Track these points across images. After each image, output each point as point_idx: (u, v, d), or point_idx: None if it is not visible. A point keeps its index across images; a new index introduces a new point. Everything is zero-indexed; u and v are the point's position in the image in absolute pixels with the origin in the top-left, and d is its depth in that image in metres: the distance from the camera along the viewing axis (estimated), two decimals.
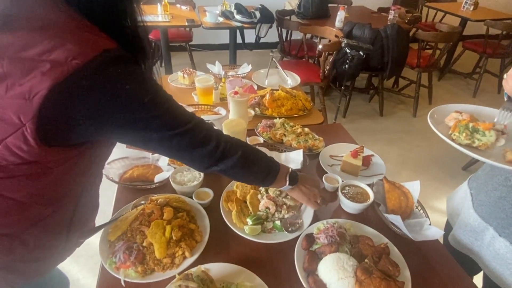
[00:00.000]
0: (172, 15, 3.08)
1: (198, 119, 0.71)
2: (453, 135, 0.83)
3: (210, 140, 0.71)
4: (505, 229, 0.90)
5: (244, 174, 0.82)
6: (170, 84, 1.80)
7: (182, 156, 0.71)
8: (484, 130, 0.80)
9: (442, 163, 2.87)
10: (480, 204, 0.99)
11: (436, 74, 4.28)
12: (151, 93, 0.60)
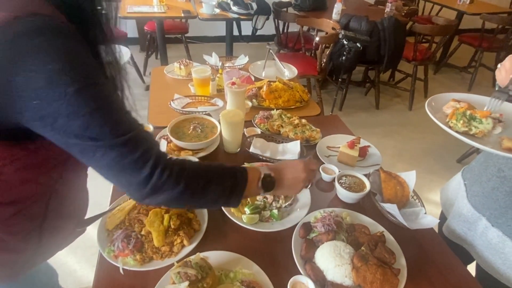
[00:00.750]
0: (168, 6, 3.04)
1: (137, 133, 0.56)
2: (451, 122, 0.83)
3: (144, 165, 0.55)
4: (498, 219, 0.92)
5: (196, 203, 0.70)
6: (167, 75, 1.79)
7: (107, 177, 0.57)
8: (481, 117, 0.81)
9: (437, 156, 2.90)
10: (473, 195, 1.00)
11: (432, 67, 4.30)
12: (81, 82, 0.49)
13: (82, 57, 0.51)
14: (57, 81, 0.48)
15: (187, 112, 1.39)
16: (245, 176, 0.71)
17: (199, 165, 0.69)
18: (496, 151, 0.73)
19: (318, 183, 1.15)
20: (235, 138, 1.21)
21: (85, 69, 0.51)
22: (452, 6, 3.96)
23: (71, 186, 0.73)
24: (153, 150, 0.58)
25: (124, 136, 0.54)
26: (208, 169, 0.68)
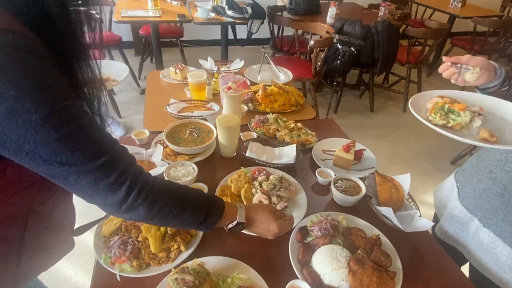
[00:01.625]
0: (163, 10, 3.05)
1: (112, 155, 0.54)
2: (430, 116, 0.84)
3: (119, 188, 0.55)
4: (489, 220, 0.93)
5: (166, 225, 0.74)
6: (162, 80, 1.79)
7: (81, 197, 0.56)
8: (459, 110, 0.81)
9: (431, 157, 2.92)
10: (465, 196, 1.02)
11: (425, 70, 4.35)
12: (48, 107, 0.45)
13: (49, 79, 0.47)
14: (20, 108, 0.43)
15: (183, 116, 1.39)
16: (220, 212, 0.73)
17: (177, 190, 0.67)
18: (472, 141, 0.74)
19: (314, 186, 1.16)
20: (231, 143, 1.21)
21: (52, 93, 0.47)
22: (444, 9, 4.02)
23: (53, 205, 0.69)
24: (130, 171, 0.56)
25: (98, 160, 0.52)
26: (185, 197, 0.67)
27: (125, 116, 3.14)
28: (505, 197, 0.89)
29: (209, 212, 0.70)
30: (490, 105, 0.85)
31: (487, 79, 0.84)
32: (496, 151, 0.93)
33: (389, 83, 3.95)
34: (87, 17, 0.54)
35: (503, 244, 0.90)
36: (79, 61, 0.56)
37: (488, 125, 0.80)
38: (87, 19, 0.54)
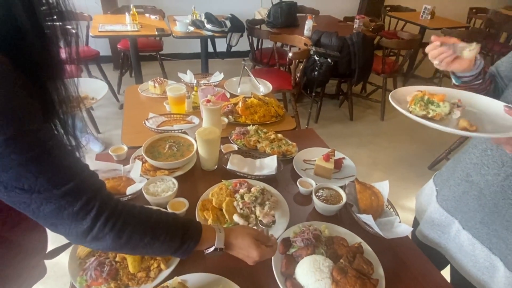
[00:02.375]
0: (141, 24, 3.04)
1: (78, 181, 0.52)
2: (410, 107, 0.85)
3: (85, 217, 0.52)
4: (468, 222, 0.96)
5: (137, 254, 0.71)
6: (141, 94, 1.77)
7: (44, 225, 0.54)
8: (439, 101, 0.82)
9: (409, 163, 3.00)
10: (444, 199, 1.05)
11: (400, 79, 4.51)
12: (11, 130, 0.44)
13: (13, 101, 0.44)
14: None
15: (162, 131, 1.38)
16: (196, 237, 0.69)
17: (149, 217, 0.63)
18: (452, 130, 0.74)
19: (296, 196, 1.16)
20: (212, 156, 1.20)
21: (16, 115, 0.44)
22: (415, 21, 4.21)
23: (24, 229, 0.66)
24: (97, 198, 0.54)
25: (63, 186, 0.49)
26: (158, 224, 0.63)
27: (103, 132, 3.07)
28: (481, 200, 0.92)
29: (184, 238, 0.66)
30: (468, 99, 0.86)
31: (470, 64, 0.84)
32: (474, 154, 0.96)
33: (366, 92, 4.07)
34: (63, 32, 0.52)
35: (481, 246, 0.93)
36: (53, 79, 0.54)
37: (467, 117, 0.81)
38: (62, 34, 0.52)
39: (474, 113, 0.83)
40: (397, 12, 4.73)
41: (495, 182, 0.88)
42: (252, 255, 0.74)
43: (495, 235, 0.90)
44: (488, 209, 0.90)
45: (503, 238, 0.88)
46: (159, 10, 3.64)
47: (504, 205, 0.87)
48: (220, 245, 0.72)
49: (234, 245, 0.75)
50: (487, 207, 0.90)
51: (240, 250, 0.75)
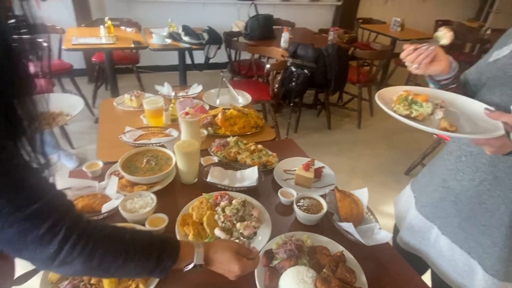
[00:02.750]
0: (117, 37, 2.99)
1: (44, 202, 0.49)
2: (395, 107, 0.86)
3: (51, 240, 0.50)
4: (446, 228, 0.98)
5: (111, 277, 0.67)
6: (117, 107, 1.73)
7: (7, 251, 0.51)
8: (422, 101, 0.83)
9: (387, 170, 3.08)
10: (423, 206, 1.07)
11: (375, 88, 4.64)
12: None
13: None
14: None
15: (139, 144, 1.34)
16: (174, 255, 0.66)
17: (121, 237, 0.60)
18: (433, 129, 0.75)
19: (278, 207, 1.16)
20: (191, 169, 1.18)
21: None
22: (386, 33, 4.41)
23: None
24: (65, 220, 0.51)
25: (27, 208, 0.46)
26: (131, 244, 0.60)
27: (78, 147, 2.97)
28: (458, 205, 0.94)
29: (161, 258, 0.63)
30: (451, 99, 0.88)
31: (446, 66, 0.85)
32: (449, 160, 0.99)
33: (343, 102, 4.18)
34: (33, 46, 0.50)
35: (460, 250, 0.95)
36: (20, 96, 0.50)
37: (449, 118, 0.82)
38: (32, 48, 0.50)
39: (456, 114, 0.84)
40: (369, 24, 4.93)
41: (471, 187, 0.90)
42: (233, 270, 0.72)
43: (473, 239, 0.92)
44: (464, 214, 0.93)
45: (480, 242, 0.91)
46: (135, 22, 3.61)
47: (479, 209, 0.89)
48: (200, 262, 0.70)
49: (214, 260, 0.73)
50: (464, 212, 0.93)
51: (221, 265, 0.73)
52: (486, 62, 0.92)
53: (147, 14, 4.30)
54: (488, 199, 0.87)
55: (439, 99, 0.86)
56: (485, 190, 0.87)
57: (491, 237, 0.88)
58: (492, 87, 0.86)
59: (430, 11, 6.17)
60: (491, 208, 0.87)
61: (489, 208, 0.88)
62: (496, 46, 0.92)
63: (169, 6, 4.40)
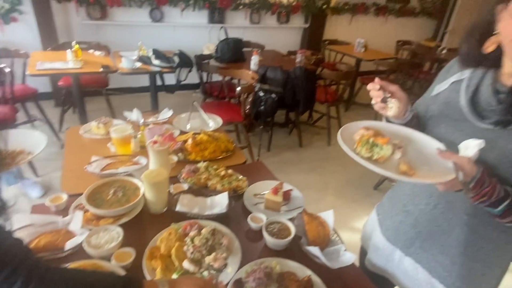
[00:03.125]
0: (84, 61, 2.94)
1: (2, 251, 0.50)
2: (357, 149, 0.88)
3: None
4: (409, 249, 1.02)
5: None
6: (83, 136, 1.69)
7: None
8: (382, 144, 0.86)
9: (357, 185, 3.19)
10: (386, 229, 1.11)
11: (342, 106, 4.85)
12: None
13: None
14: None
15: (106, 175, 1.32)
16: None
17: (82, 280, 0.60)
18: (393, 175, 0.79)
19: (248, 233, 1.17)
20: (160, 199, 1.18)
21: None
22: (351, 54, 4.65)
23: None
24: (22, 268, 0.51)
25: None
26: None
27: (43, 175, 2.84)
28: (417, 227, 0.99)
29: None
30: (407, 137, 0.92)
31: (399, 114, 0.90)
32: (407, 186, 1.04)
33: (313, 120, 4.31)
34: None
35: (422, 270, 0.99)
36: None
37: (407, 156, 0.86)
38: None
39: (414, 152, 0.88)
40: (335, 45, 5.19)
41: (427, 211, 0.96)
42: None
43: (433, 259, 0.96)
44: (424, 236, 0.98)
45: (440, 262, 0.95)
46: (104, 46, 3.58)
47: (437, 231, 0.94)
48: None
49: None
50: (423, 234, 0.98)
51: None
52: (430, 96, 1.00)
53: (117, 37, 4.28)
54: (443, 222, 0.92)
55: (397, 138, 0.89)
56: (439, 213, 0.93)
57: (450, 256, 0.93)
58: (438, 120, 0.93)
59: (391, 32, 6.59)
60: (447, 230, 0.92)
61: (445, 230, 0.93)
62: (437, 81, 1.00)
63: (139, 29, 4.42)
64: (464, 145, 0.79)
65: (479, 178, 0.74)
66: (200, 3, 4.51)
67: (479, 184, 0.74)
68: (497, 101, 0.81)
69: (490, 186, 0.75)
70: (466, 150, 0.77)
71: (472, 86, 0.87)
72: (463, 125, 0.86)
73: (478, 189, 0.74)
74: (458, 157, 0.75)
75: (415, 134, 0.92)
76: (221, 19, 4.76)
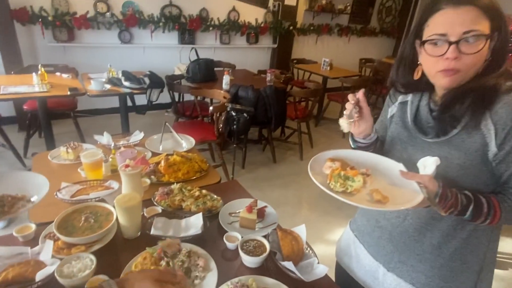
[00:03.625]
0: (51, 84, 2.87)
1: None
2: (331, 184, 0.92)
3: None
4: (390, 264, 1.07)
5: None
6: (52, 162, 1.65)
7: None
8: (353, 176, 0.91)
9: (328, 197, 3.20)
10: (369, 245, 1.15)
11: (312, 122, 5.03)
12: None
13: None
14: None
15: (76, 201, 1.30)
16: None
17: None
18: (369, 207, 0.84)
19: (224, 253, 1.18)
20: (133, 223, 1.17)
21: None
22: (318, 72, 4.88)
23: None
24: None
25: None
26: None
27: None
28: (393, 241, 1.04)
29: None
30: (372, 164, 0.97)
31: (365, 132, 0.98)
32: None
33: (285, 136, 4.43)
34: None
35: (405, 284, 1.02)
36: None
37: (377, 183, 0.91)
38: None
39: (381, 178, 0.93)
40: (303, 64, 5.42)
41: (398, 223, 1.02)
42: None
43: (413, 270, 1.01)
44: (400, 248, 1.03)
45: (420, 271, 1.00)
46: (71, 68, 3.52)
47: (411, 242, 1.00)
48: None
49: None
50: (399, 246, 1.03)
51: None
52: (387, 118, 1.10)
53: (85, 59, 4.22)
54: (414, 231, 0.99)
55: (363, 166, 0.94)
56: (410, 224, 0.99)
57: (428, 262, 0.98)
58: (395, 140, 1.03)
59: (354, 51, 6.99)
60: (419, 239, 0.98)
61: (418, 239, 0.98)
62: (387, 103, 1.11)
63: (108, 51, 4.38)
64: (422, 163, 0.84)
65: (441, 193, 0.80)
66: (170, 25, 4.58)
67: (443, 197, 0.80)
68: (432, 118, 0.92)
69: (453, 198, 0.81)
70: (425, 168, 0.83)
71: (414, 107, 0.98)
72: (415, 141, 0.96)
73: (443, 203, 0.80)
74: (420, 176, 0.82)
75: (377, 158, 0.99)
76: (191, 40, 4.85)
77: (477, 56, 0.79)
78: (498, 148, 0.81)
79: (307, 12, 5.95)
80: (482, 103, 0.82)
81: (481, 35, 0.78)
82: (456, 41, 0.79)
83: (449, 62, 0.81)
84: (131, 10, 4.29)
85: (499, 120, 0.80)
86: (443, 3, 0.81)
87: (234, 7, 5.09)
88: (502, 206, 0.83)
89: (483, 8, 0.77)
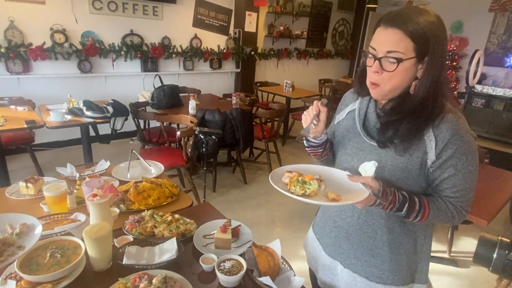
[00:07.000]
0: (5, 118, 2.72)
1: None
2: (291, 189, 1.02)
3: None
4: (346, 261, 1.15)
5: None
6: (10, 198, 1.55)
7: None
8: (309, 180, 1.03)
9: (300, 214, 3.34)
10: (326, 246, 1.23)
11: (279, 141, 5.16)
12: None
13: None
14: None
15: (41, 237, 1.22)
16: None
17: None
18: (326, 203, 0.96)
19: (201, 275, 1.17)
20: (104, 254, 1.13)
21: None
22: (281, 93, 5.07)
23: None
24: None
25: None
26: None
27: None
28: (349, 239, 1.13)
29: None
30: (325, 172, 1.11)
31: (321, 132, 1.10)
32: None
33: (254, 156, 4.48)
34: None
35: (360, 278, 1.11)
36: None
37: (329, 187, 1.04)
38: None
39: (331, 182, 1.07)
40: (266, 86, 5.62)
41: (353, 222, 1.11)
42: None
43: (367, 265, 1.11)
44: (356, 245, 1.12)
45: (373, 265, 1.10)
46: (27, 100, 3.36)
47: (365, 238, 1.10)
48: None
49: None
50: (355, 243, 1.12)
51: None
52: (334, 124, 1.22)
53: (42, 90, 4.06)
54: (368, 228, 1.09)
55: (316, 174, 1.08)
56: (363, 222, 1.09)
57: (380, 256, 1.09)
58: (344, 143, 1.14)
59: (314, 73, 7.38)
60: (372, 235, 1.09)
61: (371, 235, 1.09)
62: (337, 111, 1.23)
63: (67, 81, 4.25)
64: (363, 168, 0.97)
65: (382, 190, 0.91)
66: (132, 53, 4.57)
67: (384, 194, 0.92)
68: (379, 123, 1.04)
69: (391, 194, 0.93)
70: (366, 172, 0.96)
71: (362, 114, 1.10)
72: (363, 145, 1.07)
73: (385, 198, 0.92)
74: (363, 178, 0.94)
75: (327, 169, 1.14)
76: (154, 67, 4.86)
77: (395, 74, 0.91)
78: (436, 157, 0.93)
79: (266, 37, 6.24)
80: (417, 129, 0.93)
81: (398, 58, 0.89)
82: (380, 58, 0.90)
83: (372, 75, 0.93)
84: (90, 40, 4.24)
85: (440, 134, 0.92)
86: (381, 22, 0.93)
87: (196, 34, 5.21)
88: (431, 206, 0.96)
89: (407, 33, 0.87)
